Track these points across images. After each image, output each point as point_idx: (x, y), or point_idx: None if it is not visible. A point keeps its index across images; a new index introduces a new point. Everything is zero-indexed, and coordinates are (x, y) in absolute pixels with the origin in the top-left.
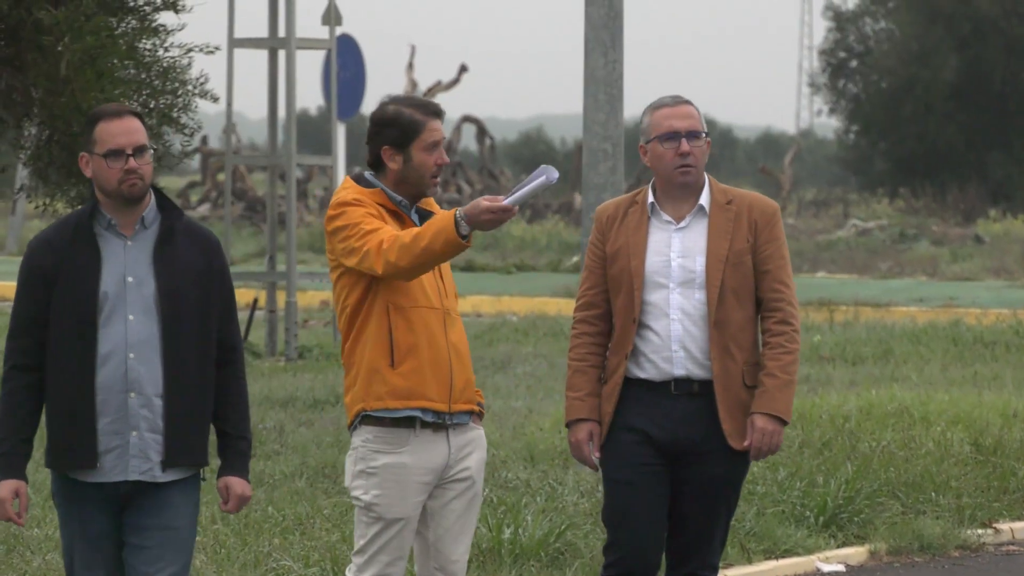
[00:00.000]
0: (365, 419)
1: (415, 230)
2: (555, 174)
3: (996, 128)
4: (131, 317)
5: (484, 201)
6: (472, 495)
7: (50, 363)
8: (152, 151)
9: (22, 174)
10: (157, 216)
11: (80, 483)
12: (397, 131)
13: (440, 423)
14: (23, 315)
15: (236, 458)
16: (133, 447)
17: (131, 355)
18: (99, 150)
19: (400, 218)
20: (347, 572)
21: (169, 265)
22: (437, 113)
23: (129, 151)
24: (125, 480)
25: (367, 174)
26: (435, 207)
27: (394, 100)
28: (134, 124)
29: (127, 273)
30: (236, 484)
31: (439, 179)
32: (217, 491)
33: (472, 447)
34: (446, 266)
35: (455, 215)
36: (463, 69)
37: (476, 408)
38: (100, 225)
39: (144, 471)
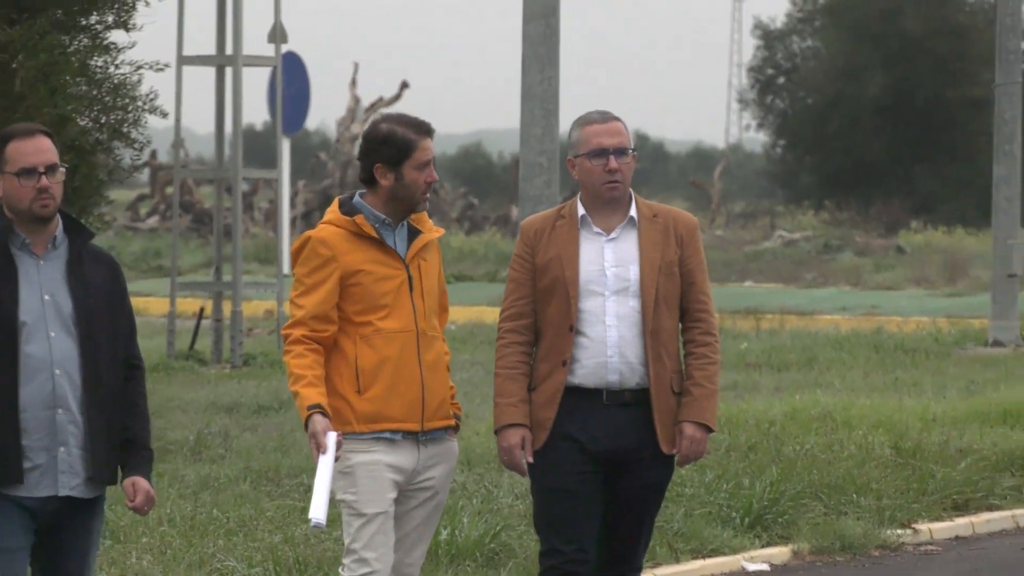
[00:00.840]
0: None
1: (303, 365)
2: (335, 437)
3: (921, 143)
4: (53, 334)
5: (319, 435)
6: (434, 505)
7: None
8: (63, 169)
9: None
10: (65, 237)
11: (5, 497)
12: (391, 150)
13: (414, 438)
14: None
15: (143, 464)
16: (62, 463)
17: (57, 371)
18: (11, 169)
19: (380, 246)
20: (340, 572)
21: (82, 285)
22: (429, 132)
23: (41, 169)
24: (54, 495)
25: (357, 196)
26: (427, 222)
27: (387, 119)
28: (45, 143)
29: (43, 292)
30: (143, 482)
31: (428, 195)
32: (123, 490)
33: (440, 459)
34: (429, 287)
35: (307, 413)
36: (404, 85)
37: (452, 423)
38: (14, 245)
39: (74, 487)
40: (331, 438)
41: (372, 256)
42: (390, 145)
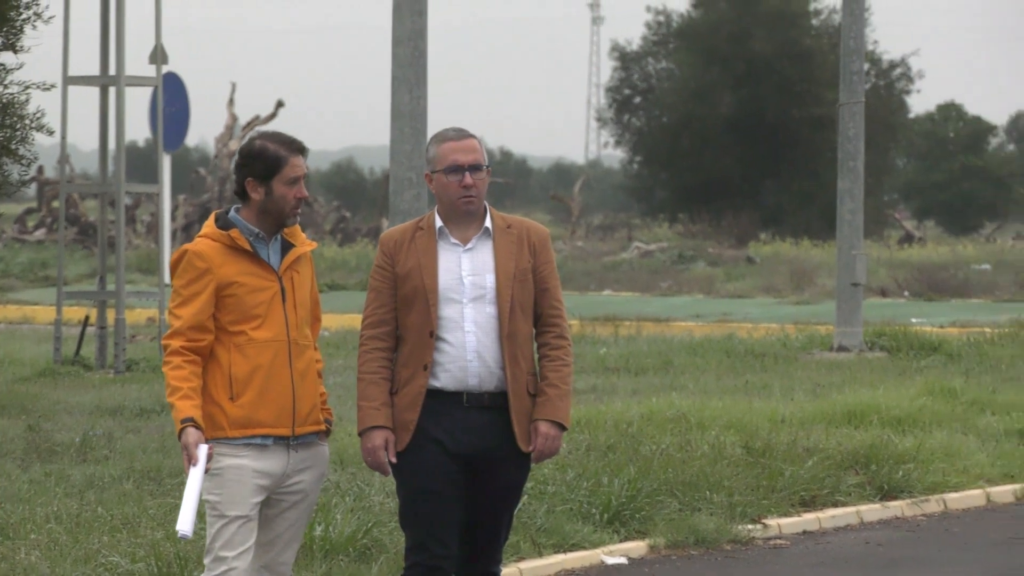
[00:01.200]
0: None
1: (179, 377)
2: (206, 449)
3: (769, 159)
4: None
5: (191, 447)
6: (305, 507)
7: None
8: None
9: None
10: None
11: None
12: (261, 165)
13: (284, 442)
14: None
15: None
16: None
17: None
18: None
19: (253, 259)
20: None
21: None
22: (300, 150)
23: None
24: None
25: (233, 211)
26: (300, 236)
27: (261, 136)
28: None
29: None
30: None
31: (299, 211)
32: None
33: (311, 462)
34: (301, 298)
35: (180, 426)
36: (279, 104)
37: (323, 428)
38: None
39: None
40: (202, 451)
41: (246, 268)
42: (261, 160)
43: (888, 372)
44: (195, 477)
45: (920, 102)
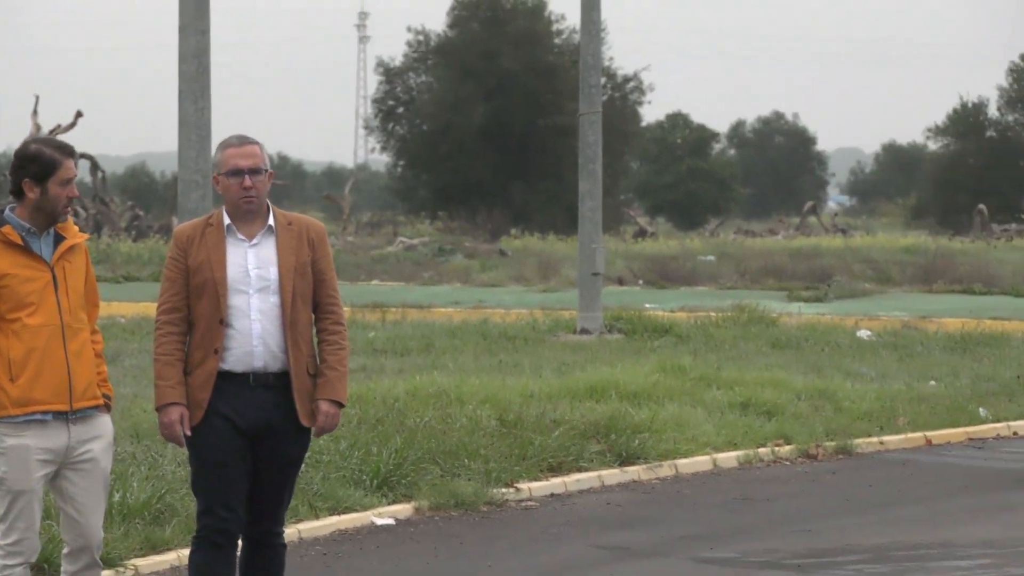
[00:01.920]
0: None
1: None
2: None
3: (518, 163)
4: None
5: None
6: (98, 473)
7: None
8: None
9: None
10: None
11: None
12: (37, 167)
13: (63, 417)
14: None
15: None
16: None
17: None
18: None
19: (25, 252)
20: None
21: None
22: (71, 154)
23: None
24: None
25: (8, 209)
26: (71, 229)
27: (36, 140)
28: None
29: None
30: None
31: (70, 208)
32: None
33: (95, 432)
34: (75, 285)
35: None
36: (78, 114)
37: (101, 402)
38: None
39: None
40: None
41: (18, 261)
42: (37, 163)
43: (625, 352)
44: None
45: (651, 112)
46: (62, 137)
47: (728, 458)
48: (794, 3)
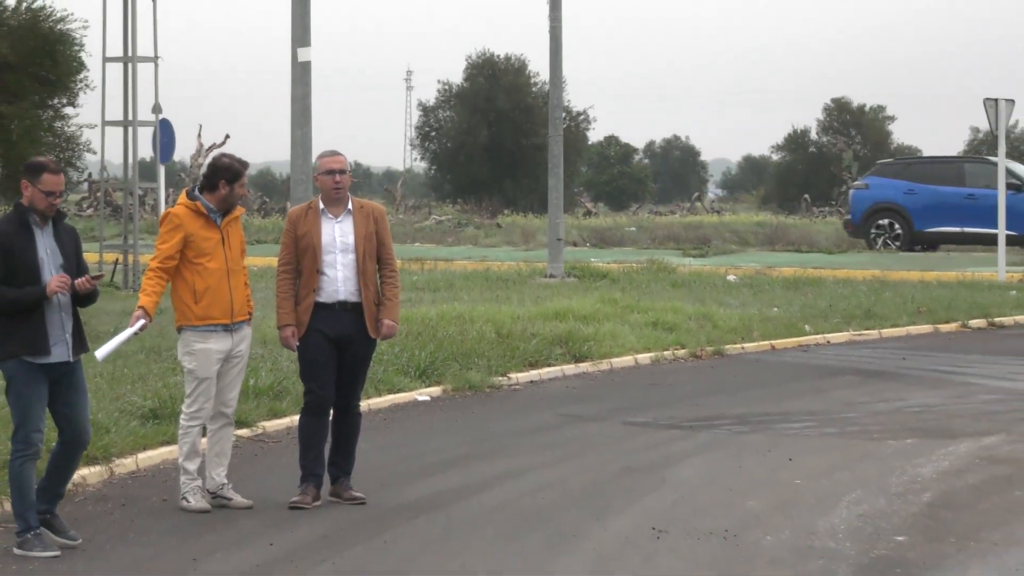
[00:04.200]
0: (184, 328)
1: (148, 283)
2: (142, 323)
3: (508, 169)
4: (53, 271)
5: (134, 319)
6: (243, 364)
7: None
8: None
9: None
10: (51, 226)
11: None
12: (229, 175)
13: (227, 328)
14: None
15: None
16: (68, 342)
17: (62, 296)
18: (42, 189)
19: (207, 220)
20: (182, 407)
21: (62, 245)
22: (247, 168)
23: (58, 192)
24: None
25: (196, 190)
26: (240, 212)
27: (227, 156)
28: (62, 178)
29: (46, 246)
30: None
31: (242, 203)
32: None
33: (245, 337)
34: (235, 243)
35: (136, 310)
36: (227, 136)
37: (248, 317)
38: (32, 223)
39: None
40: (139, 323)
41: (201, 225)
42: (230, 172)
43: (578, 290)
44: (126, 333)
45: (594, 135)
46: (223, 151)
47: (644, 357)
48: (696, 56)
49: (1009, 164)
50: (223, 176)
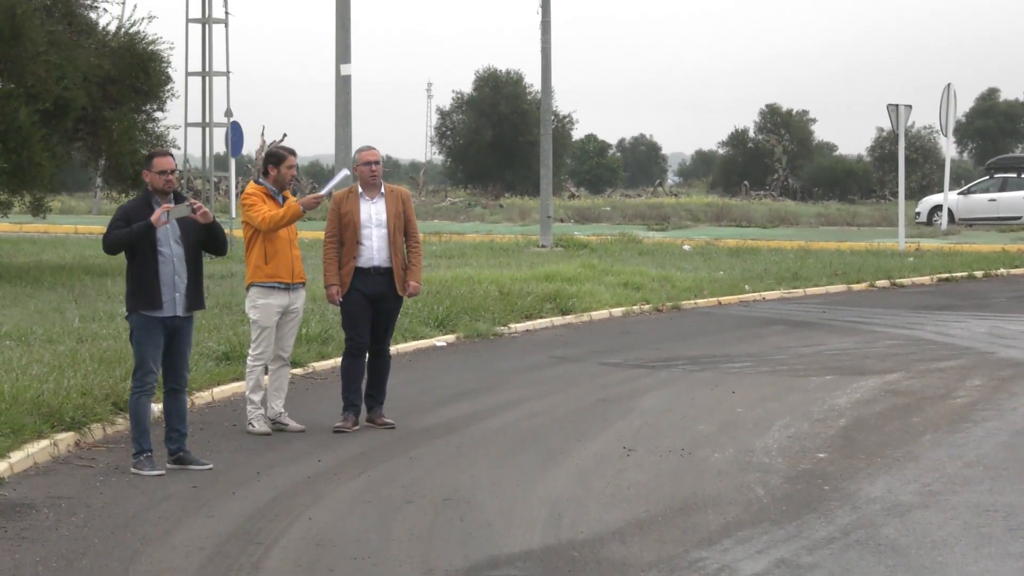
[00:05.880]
0: (252, 285)
1: (279, 212)
2: (348, 172)
3: (510, 160)
4: (172, 244)
5: (310, 197)
6: (298, 319)
7: (136, 260)
8: (176, 172)
9: (97, 182)
10: (172, 200)
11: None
12: (275, 159)
13: (287, 287)
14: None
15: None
16: (178, 298)
17: (175, 259)
18: (156, 170)
19: (273, 198)
20: (248, 351)
21: (182, 221)
22: (293, 153)
23: (169, 171)
24: (176, 315)
25: (260, 178)
26: (289, 195)
27: (276, 145)
28: (172, 160)
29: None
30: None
31: (292, 182)
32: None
33: (300, 297)
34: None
35: (299, 204)
36: (284, 135)
37: (303, 280)
38: (154, 203)
39: (183, 311)
40: (182, 210)
41: (270, 205)
42: (275, 157)
43: (564, 257)
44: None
45: (577, 133)
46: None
47: (617, 311)
48: (659, 70)
49: None
50: (270, 161)
